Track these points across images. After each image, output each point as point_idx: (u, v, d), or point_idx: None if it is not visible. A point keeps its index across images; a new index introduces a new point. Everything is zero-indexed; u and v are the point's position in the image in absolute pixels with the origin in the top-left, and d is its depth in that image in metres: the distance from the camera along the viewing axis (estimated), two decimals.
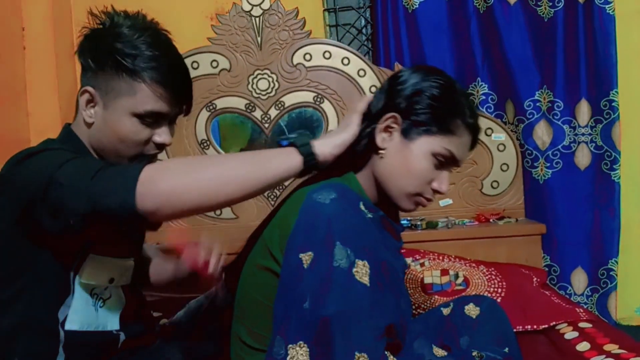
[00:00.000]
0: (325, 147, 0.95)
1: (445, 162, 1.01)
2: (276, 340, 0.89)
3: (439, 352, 1.07)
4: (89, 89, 1.01)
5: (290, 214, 0.95)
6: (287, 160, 0.92)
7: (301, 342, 0.86)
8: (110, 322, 1.06)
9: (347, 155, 1.02)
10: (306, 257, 0.88)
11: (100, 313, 1.03)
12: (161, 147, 1.05)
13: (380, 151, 1.01)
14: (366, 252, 0.88)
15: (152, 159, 1.06)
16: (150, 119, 1.01)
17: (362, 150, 1.03)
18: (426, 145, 0.99)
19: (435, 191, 1.02)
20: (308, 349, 0.86)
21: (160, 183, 0.84)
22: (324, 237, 0.87)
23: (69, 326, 0.99)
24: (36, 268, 0.97)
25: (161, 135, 1.04)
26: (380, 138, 1.01)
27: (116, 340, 1.06)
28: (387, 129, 1.01)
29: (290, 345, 0.86)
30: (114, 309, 1.07)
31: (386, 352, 0.88)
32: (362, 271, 0.86)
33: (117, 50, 0.98)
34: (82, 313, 1.01)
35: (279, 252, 0.94)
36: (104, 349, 1.05)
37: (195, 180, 0.85)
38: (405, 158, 1.00)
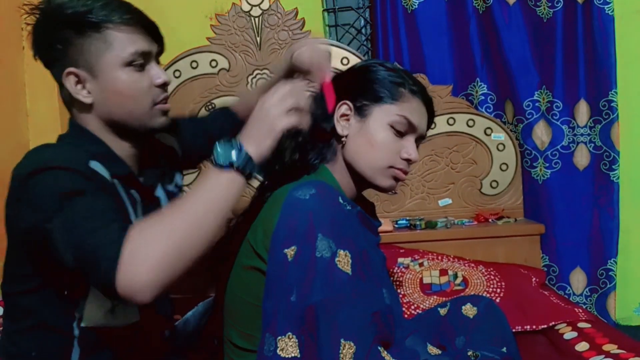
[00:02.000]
0: (260, 156, 0.90)
1: (405, 129, 1.06)
2: (265, 337, 0.90)
3: (434, 350, 1.08)
4: (71, 69, 0.99)
5: (272, 212, 0.96)
6: (238, 185, 0.88)
7: (290, 333, 0.88)
8: (130, 316, 1.05)
9: (313, 151, 1.08)
10: (290, 252, 0.90)
11: (117, 311, 1.03)
12: (164, 87, 1.05)
13: (342, 139, 1.07)
14: (347, 242, 0.91)
15: (165, 100, 1.05)
16: (139, 61, 1.00)
17: (326, 145, 1.09)
18: (380, 117, 1.05)
19: (407, 160, 1.06)
20: (297, 339, 0.87)
21: (140, 280, 0.78)
22: (306, 230, 0.89)
23: (85, 323, 0.99)
24: (51, 271, 0.96)
25: (158, 75, 1.03)
26: (340, 127, 1.07)
27: (133, 335, 1.06)
28: (343, 116, 1.08)
29: (280, 337, 0.88)
30: (133, 305, 1.05)
31: (379, 348, 0.88)
32: (344, 260, 0.89)
33: (71, 15, 0.97)
34: (99, 310, 1.00)
35: (263, 250, 0.95)
36: (119, 343, 1.04)
37: (168, 257, 0.80)
38: (366, 135, 1.05)
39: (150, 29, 1.03)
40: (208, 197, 0.86)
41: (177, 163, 1.24)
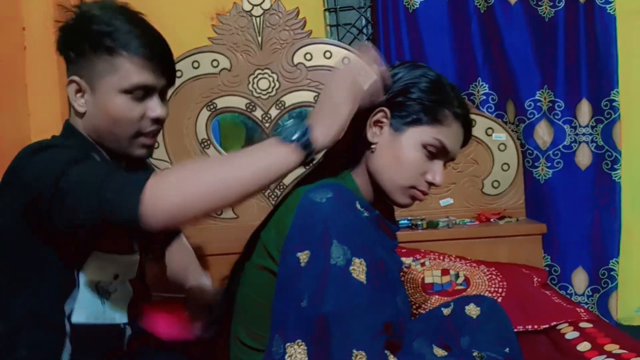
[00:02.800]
0: (325, 140, 0.90)
1: (437, 152, 1.02)
2: (274, 340, 0.89)
3: (439, 352, 1.07)
4: (75, 78, 1.02)
5: (286, 213, 0.95)
6: (289, 161, 0.89)
7: (299, 340, 0.87)
8: (119, 315, 1.06)
9: (341, 154, 1.04)
10: (303, 256, 0.88)
11: (106, 307, 1.04)
12: (157, 122, 1.05)
13: (372, 146, 1.03)
14: (363, 250, 0.89)
15: (152, 135, 1.06)
16: (139, 93, 1.01)
17: (354, 147, 1.04)
18: (415, 136, 1.00)
19: (430, 183, 1.03)
20: (306, 347, 0.86)
21: (164, 200, 0.84)
22: (320, 235, 0.87)
23: (75, 319, 0.99)
24: (40, 262, 0.98)
25: (154, 109, 1.03)
26: (371, 133, 1.03)
27: (122, 334, 1.06)
28: (376, 123, 1.03)
29: (289, 344, 0.87)
30: (121, 302, 1.07)
31: (386, 352, 0.88)
32: (359, 269, 0.87)
33: (93, 31, 0.99)
34: (88, 306, 1.01)
35: (276, 251, 0.94)
36: (110, 342, 1.05)
37: (198, 192, 0.85)
38: (396, 150, 1.01)
39: (164, 64, 1.04)
40: (258, 159, 0.88)
41: None
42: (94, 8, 1.02)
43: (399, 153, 1.01)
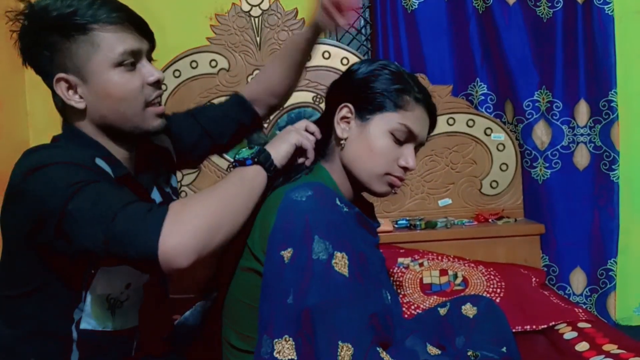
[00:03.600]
0: (279, 157, 1.00)
1: (405, 138, 1.05)
2: (263, 339, 0.89)
3: (433, 350, 1.07)
4: (60, 75, 0.95)
5: (268, 214, 0.96)
6: (261, 178, 0.97)
7: (286, 335, 0.87)
8: (130, 319, 1.05)
9: (315, 153, 1.08)
10: (287, 254, 0.89)
11: (117, 316, 1.02)
12: (157, 85, 1.01)
13: (342, 141, 1.06)
14: (344, 244, 0.90)
15: (159, 101, 1.03)
16: (129, 61, 0.96)
17: (326, 145, 1.09)
18: (381, 124, 1.04)
19: (404, 168, 1.05)
20: (293, 342, 0.87)
21: (187, 237, 0.82)
22: (302, 232, 0.89)
23: (83, 326, 0.99)
24: (46, 280, 0.96)
25: (151, 72, 0.99)
26: (340, 129, 1.06)
27: (131, 339, 1.06)
28: (343, 119, 1.06)
29: (276, 340, 0.87)
30: (133, 307, 1.06)
31: (378, 349, 0.88)
32: (340, 262, 0.88)
33: (55, 18, 0.93)
34: (97, 316, 1.00)
35: (260, 252, 0.95)
36: (118, 347, 1.04)
37: (215, 225, 0.86)
38: (365, 140, 1.04)
39: (139, 26, 0.99)
40: (238, 185, 0.93)
41: (172, 164, 1.22)
42: (41, 1, 0.95)
43: (369, 143, 1.04)
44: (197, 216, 0.84)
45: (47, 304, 0.97)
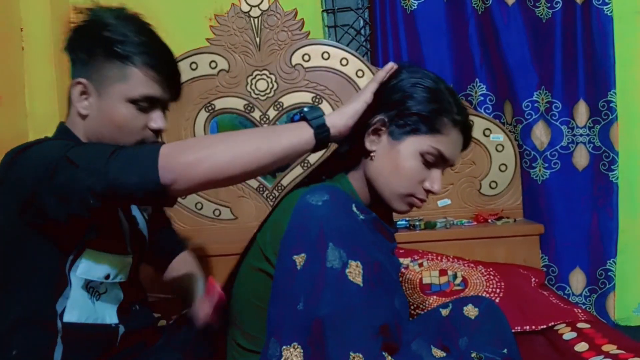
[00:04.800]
0: (337, 119, 0.96)
1: (435, 161, 1.02)
2: (270, 342, 0.89)
3: (438, 353, 1.08)
4: (82, 80, 1.03)
5: (282, 216, 0.96)
6: (298, 133, 0.94)
7: (295, 343, 0.86)
8: (109, 315, 1.06)
9: (338, 159, 1.05)
10: (299, 259, 0.88)
11: (97, 306, 1.04)
12: (157, 132, 1.07)
13: (371, 154, 1.03)
14: (359, 252, 0.89)
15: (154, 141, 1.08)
16: (145, 104, 1.03)
17: (353, 153, 1.05)
18: (413, 145, 1.01)
19: (428, 191, 1.03)
20: (302, 350, 0.86)
21: (178, 157, 0.88)
22: (316, 238, 0.87)
23: (67, 318, 0.99)
24: (34, 260, 0.97)
25: (156, 120, 1.06)
26: (369, 141, 1.03)
27: (115, 334, 1.06)
28: (375, 132, 1.03)
29: (285, 347, 0.87)
30: (111, 303, 1.07)
31: (383, 353, 0.88)
32: (355, 272, 0.87)
33: (106, 38, 1.01)
34: (80, 305, 1.01)
35: (272, 254, 0.94)
36: (102, 341, 1.05)
37: (210, 154, 0.89)
38: (394, 159, 1.01)
39: (171, 79, 1.07)
40: (265, 130, 0.96)
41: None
42: (108, 16, 1.04)
43: (397, 162, 1.01)
44: (198, 144, 0.90)
45: (33, 291, 0.98)
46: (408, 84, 1.02)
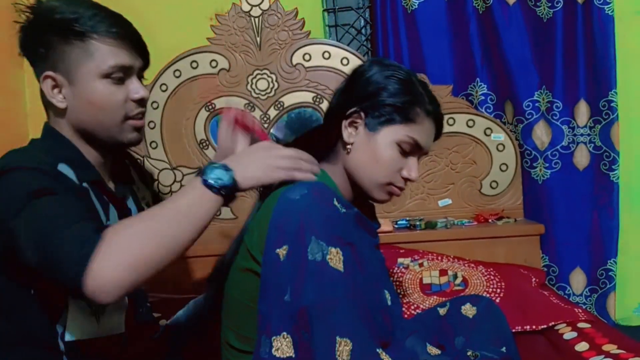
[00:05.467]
0: (247, 180, 0.93)
1: (411, 149, 1.06)
2: (262, 340, 0.89)
3: (433, 350, 1.08)
4: (49, 73, 1.00)
5: (266, 214, 0.96)
6: (214, 205, 0.90)
7: (284, 332, 0.87)
8: (117, 324, 1.05)
9: (317, 154, 1.07)
10: (282, 251, 0.89)
11: (101, 323, 1.02)
12: (141, 102, 1.04)
13: (348, 146, 1.07)
14: (338, 240, 0.90)
15: (140, 117, 1.05)
16: (118, 75, 1.00)
17: (330, 147, 1.09)
18: (390, 135, 1.05)
19: (406, 179, 1.07)
20: (291, 339, 0.87)
21: (112, 274, 0.79)
22: (296, 229, 0.89)
23: (68, 337, 0.98)
24: (25, 294, 0.96)
25: (136, 90, 1.03)
26: (347, 133, 1.07)
27: (119, 341, 1.05)
28: (352, 124, 1.07)
29: (274, 337, 0.88)
30: (117, 313, 1.06)
31: (378, 350, 0.88)
32: (335, 258, 0.88)
33: (59, 20, 0.98)
34: (81, 326, 0.99)
35: (258, 252, 0.95)
36: (108, 351, 1.04)
37: (147, 261, 0.82)
38: (372, 149, 1.05)
39: (136, 44, 1.03)
40: (185, 209, 0.87)
41: (148, 182, 1.28)
42: (51, 0, 1.00)
43: (375, 152, 1.05)
44: (130, 250, 0.80)
45: (30, 316, 0.97)
46: (381, 77, 1.06)
